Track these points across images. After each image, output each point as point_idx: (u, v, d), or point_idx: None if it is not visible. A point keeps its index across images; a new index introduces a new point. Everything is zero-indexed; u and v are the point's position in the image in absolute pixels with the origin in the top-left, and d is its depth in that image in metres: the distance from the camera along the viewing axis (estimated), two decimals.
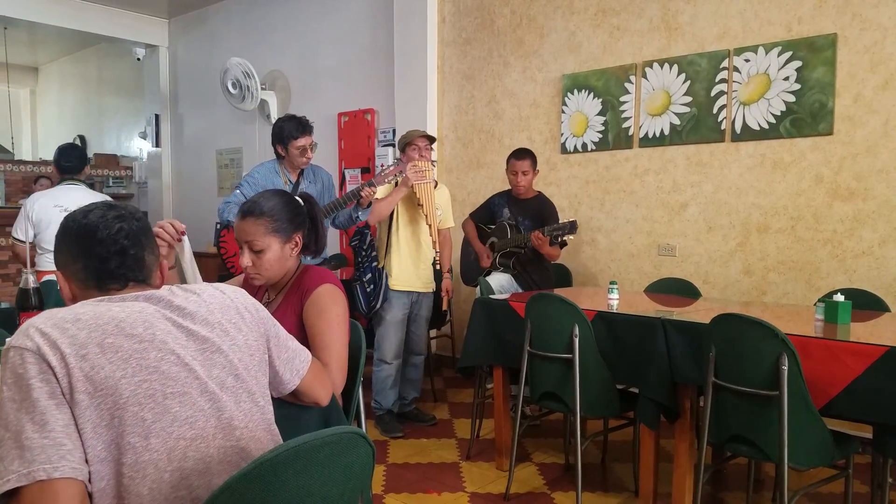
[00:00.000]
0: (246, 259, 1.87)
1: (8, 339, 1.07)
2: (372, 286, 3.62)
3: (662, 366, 2.52)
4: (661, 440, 2.74)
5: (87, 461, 1.03)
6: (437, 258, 3.81)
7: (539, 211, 3.81)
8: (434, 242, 3.73)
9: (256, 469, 0.99)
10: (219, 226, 3.66)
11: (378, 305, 3.63)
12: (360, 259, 3.68)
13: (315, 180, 3.65)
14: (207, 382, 1.16)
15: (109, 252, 1.21)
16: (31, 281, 1.85)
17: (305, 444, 1.05)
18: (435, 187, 3.72)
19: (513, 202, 3.93)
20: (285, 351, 1.40)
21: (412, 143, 3.66)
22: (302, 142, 3.48)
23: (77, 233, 1.23)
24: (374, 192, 3.44)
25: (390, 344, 3.69)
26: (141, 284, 1.25)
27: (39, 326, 1.06)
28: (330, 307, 1.89)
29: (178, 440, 1.10)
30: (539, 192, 3.99)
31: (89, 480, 1.03)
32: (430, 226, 3.68)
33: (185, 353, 1.15)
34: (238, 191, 3.56)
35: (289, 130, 3.48)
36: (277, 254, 1.89)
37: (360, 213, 3.52)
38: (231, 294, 1.32)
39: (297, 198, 2.00)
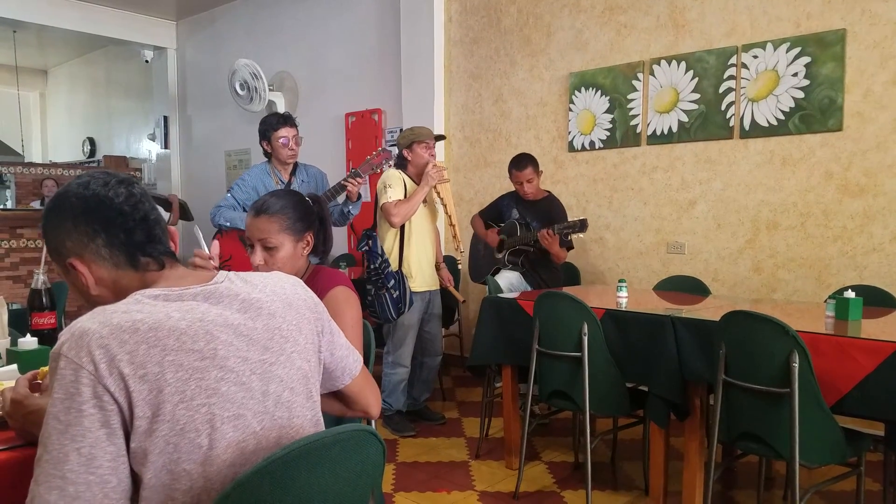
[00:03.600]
0: (258, 257, 1.87)
1: (60, 337, 0.99)
2: (397, 292, 3.52)
3: (672, 364, 2.51)
4: (671, 438, 2.73)
5: (138, 487, 0.99)
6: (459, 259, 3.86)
7: (548, 211, 3.80)
8: (457, 239, 3.76)
9: (268, 466, 0.99)
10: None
11: (406, 309, 3.53)
12: (377, 265, 3.51)
13: (308, 179, 3.63)
14: (263, 401, 1.09)
15: (134, 220, 1.10)
16: (42, 281, 1.87)
17: (317, 442, 1.05)
18: None
19: (521, 203, 3.92)
20: (339, 349, 1.33)
21: (424, 142, 3.61)
22: (283, 132, 3.46)
23: (86, 207, 1.09)
24: (361, 183, 3.41)
25: (407, 347, 3.66)
26: (174, 261, 1.16)
27: (97, 336, 0.96)
28: (345, 310, 1.88)
29: (231, 466, 1.04)
30: (548, 192, 3.98)
31: None
32: (453, 226, 3.71)
33: (245, 369, 1.08)
34: (229, 194, 3.56)
35: (269, 123, 3.49)
36: (290, 252, 1.88)
37: (351, 207, 3.50)
38: (290, 289, 1.23)
39: (307, 198, 2.00)
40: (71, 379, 0.95)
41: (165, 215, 6.31)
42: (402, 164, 3.68)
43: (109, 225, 1.09)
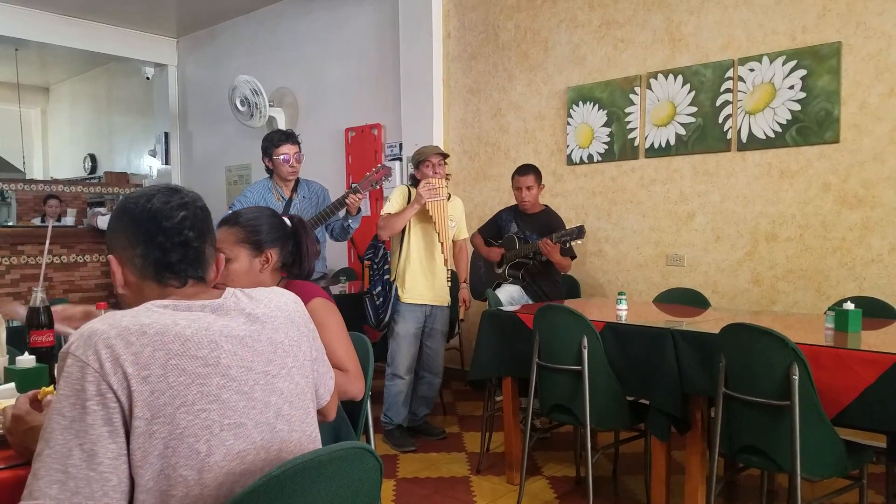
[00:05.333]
0: None
1: (70, 338, 1.02)
2: (381, 299, 3.62)
3: (672, 377, 2.51)
4: (672, 452, 2.72)
5: (133, 490, 0.99)
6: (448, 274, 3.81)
7: (546, 224, 3.81)
8: (446, 260, 3.72)
9: (264, 485, 0.99)
10: None
11: (387, 318, 3.62)
12: (371, 272, 3.67)
13: (310, 195, 3.63)
14: (264, 412, 1.11)
15: (172, 243, 1.15)
16: (40, 299, 1.87)
17: (312, 460, 1.05)
18: (448, 199, 3.72)
19: (520, 217, 3.93)
20: (322, 365, 1.35)
21: (426, 161, 3.64)
22: (284, 149, 3.47)
23: (138, 217, 1.16)
24: (361, 199, 3.43)
25: (403, 358, 3.67)
26: (200, 282, 1.20)
27: (104, 336, 1.00)
28: (328, 318, 1.88)
29: (229, 475, 1.05)
30: (546, 205, 3.99)
31: None
32: (441, 243, 3.67)
33: (248, 379, 1.10)
34: (231, 210, 3.58)
35: (271, 139, 3.50)
36: (245, 266, 1.87)
37: (351, 221, 3.52)
38: (292, 306, 1.27)
39: (284, 218, 1.98)
40: (77, 376, 0.98)
41: None
42: (415, 183, 3.71)
43: (150, 241, 1.16)
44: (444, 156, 3.72)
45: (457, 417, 4.29)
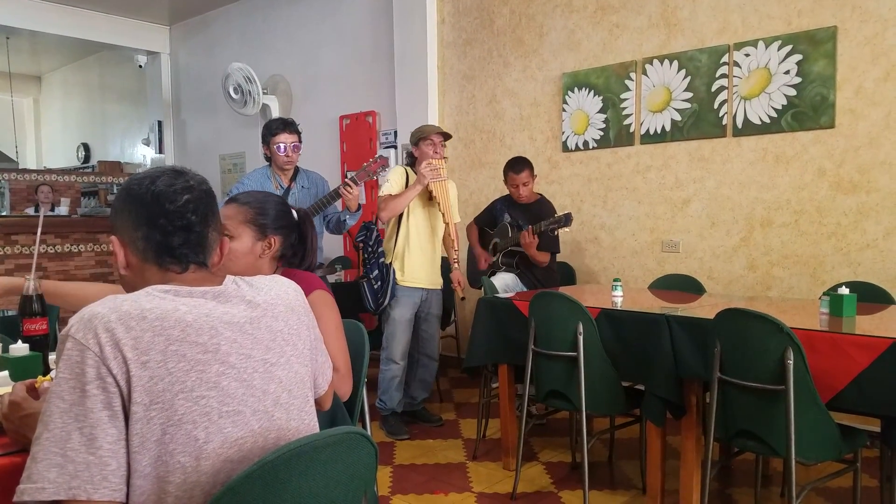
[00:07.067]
0: None
1: (70, 321, 1.01)
2: (379, 283, 3.57)
3: (667, 362, 2.51)
4: (667, 437, 2.73)
5: (128, 475, 0.98)
6: (456, 256, 3.77)
7: (539, 214, 3.79)
8: (454, 241, 3.71)
9: (258, 470, 0.99)
10: None
11: (386, 302, 3.58)
12: (366, 255, 3.61)
13: (309, 185, 3.61)
14: (262, 399, 1.11)
15: (174, 226, 1.14)
16: (32, 287, 1.85)
17: (307, 445, 1.05)
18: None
19: (514, 207, 3.93)
20: (321, 354, 1.34)
21: (427, 138, 3.59)
22: (281, 138, 3.45)
23: (142, 198, 1.15)
24: (354, 191, 3.40)
25: (398, 343, 3.67)
26: (202, 267, 1.19)
27: (104, 320, 0.99)
28: (327, 314, 1.85)
29: (226, 462, 1.05)
30: (540, 195, 3.98)
31: (127, 497, 0.99)
32: (447, 224, 3.66)
33: (247, 366, 1.10)
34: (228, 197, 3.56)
35: (270, 127, 3.49)
36: (247, 247, 1.83)
37: (348, 217, 3.50)
38: (293, 294, 1.27)
39: (292, 208, 1.97)
40: (77, 359, 0.97)
41: None
42: (412, 161, 3.70)
43: (152, 223, 1.14)
44: (446, 136, 3.68)
45: (453, 404, 4.31)
